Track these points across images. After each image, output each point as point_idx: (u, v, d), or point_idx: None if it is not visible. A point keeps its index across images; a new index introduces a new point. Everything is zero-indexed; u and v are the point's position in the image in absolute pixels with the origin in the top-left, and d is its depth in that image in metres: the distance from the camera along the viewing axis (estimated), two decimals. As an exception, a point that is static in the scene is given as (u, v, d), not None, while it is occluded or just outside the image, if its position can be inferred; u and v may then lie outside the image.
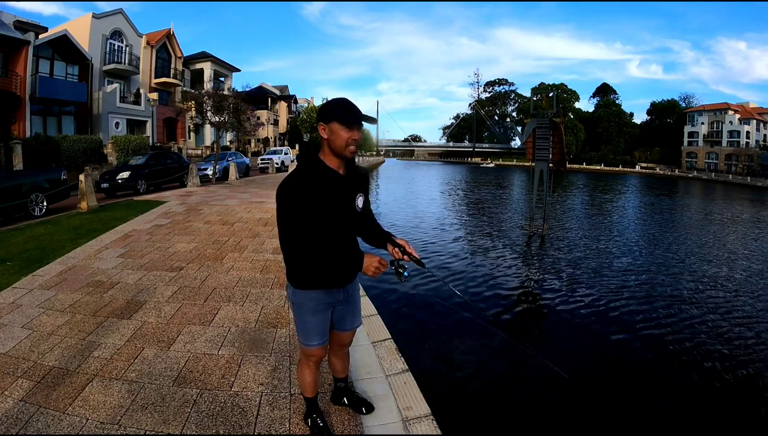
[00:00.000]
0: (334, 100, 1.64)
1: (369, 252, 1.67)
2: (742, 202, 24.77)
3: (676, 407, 3.83)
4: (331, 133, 1.59)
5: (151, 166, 13.96)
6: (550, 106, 13.21)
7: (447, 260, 8.95)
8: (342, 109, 1.60)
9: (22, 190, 8.33)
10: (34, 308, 3.52)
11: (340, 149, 1.60)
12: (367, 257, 1.62)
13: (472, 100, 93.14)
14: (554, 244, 10.92)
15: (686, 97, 70.38)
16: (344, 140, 1.58)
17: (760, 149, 51.96)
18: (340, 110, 1.60)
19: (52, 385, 2.38)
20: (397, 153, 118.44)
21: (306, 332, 1.78)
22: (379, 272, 1.60)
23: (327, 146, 1.63)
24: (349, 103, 1.62)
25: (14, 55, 18.53)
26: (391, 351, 2.90)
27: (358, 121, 1.61)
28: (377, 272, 1.60)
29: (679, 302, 6.60)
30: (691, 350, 4.97)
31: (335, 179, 1.64)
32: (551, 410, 3.64)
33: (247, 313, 3.45)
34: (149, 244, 5.80)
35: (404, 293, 6.37)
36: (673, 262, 9.32)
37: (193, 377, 2.49)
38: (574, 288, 7.17)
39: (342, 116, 1.58)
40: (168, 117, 27.72)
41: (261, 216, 8.12)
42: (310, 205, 1.56)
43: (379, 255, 1.68)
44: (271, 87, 50.26)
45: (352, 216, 1.72)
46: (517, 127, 79.50)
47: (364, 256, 1.63)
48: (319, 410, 2.04)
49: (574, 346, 5.08)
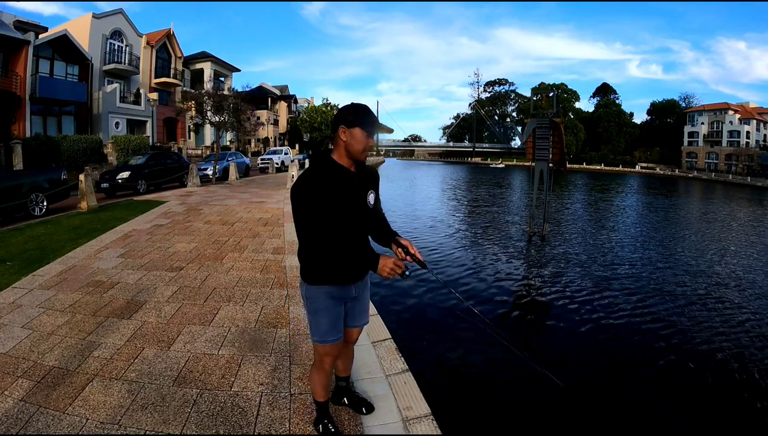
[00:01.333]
0: (358, 107, 1.71)
1: (384, 254, 1.69)
2: (740, 202, 24.76)
3: (676, 408, 3.83)
4: (352, 137, 1.67)
5: (151, 166, 13.96)
6: (550, 106, 13.21)
7: (447, 259, 8.95)
8: (366, 117, 1.69)
9: (22, 190, 8.34)
10: (34, 308, 3.52)
11: (357, 154, 1.70)
12: (383, 258, 1.65)
13: (472, 100, 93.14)
14: (554, 244, 10.92)
15: (686, 97, 70.45)
16: (363, 146, 1.68)
17: (760, 149, 51.96)
18: (365, 119, 1.68)
19: (52, 385, 2.38)
20: (397, 153, 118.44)
21: (317, 327, 1.81)
22: (394, 273, 1.62)
23: (344, 148, 1.70)
24: (372, 113, 1.72)
25: (14, 55, 18.53)
26: (391, 351, 2.90)
27: (377, 130, 1.73)
28: (392, 273, 1.62)
29: (679, 304, 6.59)
30: (691, 353, 4.96)
31: (347, 176, 1.71)
32: (551, 410, 3.64)
33: (247, 313, 3.45)
34: (149, 244, 5.80)
35: (404, 294, 6.37)
36: (674, 262, 9.32)
37: (193, 377, 2.49)
38: (574, 289, 7.16)
39: (366, 125, 1.68)
40: (168, 117, 27.72)
41: (261, 216, 8.12)
42: (324, 202, 1.62)
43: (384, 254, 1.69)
44: (271, 87, 50.25)
45: (363, 212, 1.78)
46: (517, 127, 79.46)
47: (380, 257, 1.65)
48: (330, 415, 2.02)
49: (574, 349, 5.07)
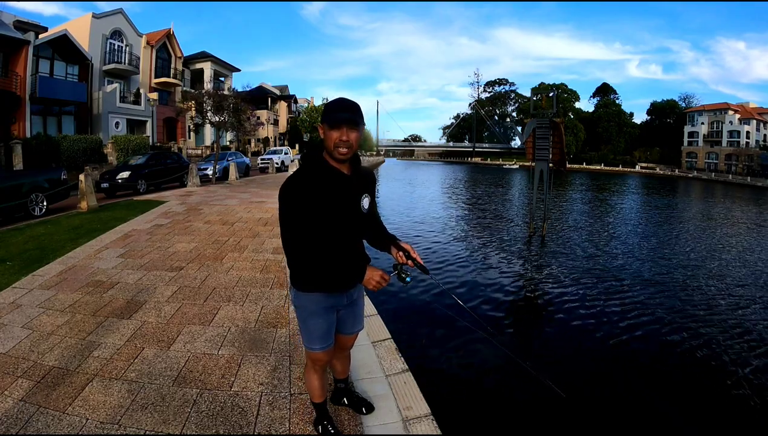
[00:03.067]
0: (330, 102, 1.59)
1: (372, 266, 1.62)
2: (740, 202, 24.75)
3: (677, 408, 3.83)
4: (324, 134, 1.55)
5: (151, 166, 13.96)
6: (550, 106, 13.21)
7: (447, 259, 8.95)
8: (329, 108, 1.54)
9: (22, 190, 8.33)
10: (34, 307, 3.52)
11: (331, 150, 1.55)
12: (369, 270, 1.57)
13: (472, 100, 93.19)
14: (554, 244, 10.92)
15: (686, 97, 70.40)
16: (331, 141, 1.53)
17: (760, 149, 51.94)
18: (327, 109, 1.55)
19: (52, 385, 2.38)
20: (397, 153, 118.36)
21: (309, 335, 1.75)
22: (380, 286, 1.56)
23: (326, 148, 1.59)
24: (338, 101, 1.55)
25: (14, 55, 18.52)
26: (391, 351, 2.89)
27: (345, 120, 1.51)
28: (378, 286, 1.56)
29: (680, 305, 6.59)
30: (691, 355, 4.96)
31: (339, 179, 1.59)
32: (551, 410, 3.64)
33: (247, 313, 3.45)
34: (149, 244, 5.80)
35: (405, 294, 6.36)
36: (674, 262, 9.32)
37: (193, 377, 2.49)
38: (574, 291, 7.15)
39: (327, 115, 1.54)
40: (168, 117, 27.71)
41: (261, 216, 8.12)
42: (313, 205, 1.51)
43: (381, 267, 1.63)
44: (271, 87, 50.25)
45: (357, 217, 1.66)
46: (517, 127, 79.46)
47: (367, 268, 1.58)
48: (329, 416, 2.00)
49: (576, 351, 5.05)
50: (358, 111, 1.56)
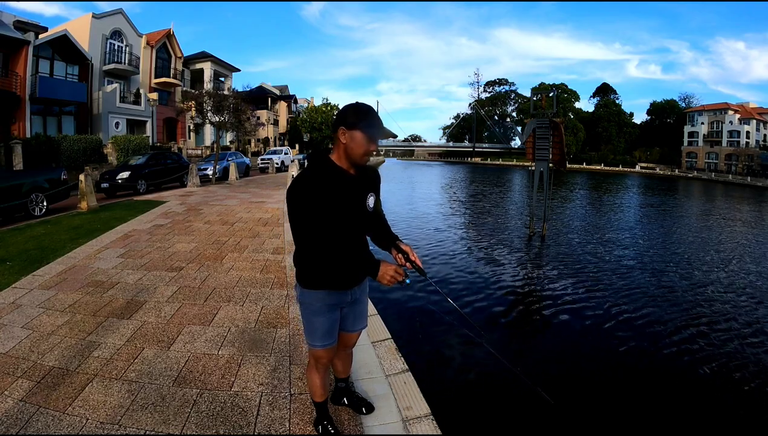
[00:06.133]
0: (361, 107, 1.60)
1: (385, 261, 1.63)
2: (740, 202, 24.74)
3: (675, 409, 3.83)
4: (352, 140, 1.57)
5: (151, 166, 13.97)
6: (550, 106, 13.18)
7: (447, 259, 8.95)
8: (369, 120, 1.58)
9: (22, 190, 8.33)
10: (34, 308, 3.52)
11: (357, 158, 1.60)
12: (384, 265, 1.58)
13: (472, 100, 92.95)
14: (554, 244, 10.92)
15: (686, 97, 70.34)
16: (363, 150, 1.58)
17: (760, 149, 51.89)
18: (368, 121, 1.57)
19: (52, 385, 2.38)
20: (397, 153, 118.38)
21: (312, 332, 1.77)
22: (395, 281, 1.56)
23: (343, 150, 1.61)
24: (376, 115, 1.60)
25: (14, 55, 18.51)
26: (391, 351, 2.90)
27: (380, 134, 1.61)
28: (392, 280, 1.56)
29: (680, 307, 6.59)
30: (692, 357, 4.96)
31: (345, 179, 1.63)
32: (551, 410, 3.64)
33: (247, 313, 3.45)
34: (149, 244, 5.80)
35: (404, 294, 6.36)
36: (674, 263, 9.32)
37: (193, 377, 2.49)
38: (574, 291, 7.16)
39: (368, 128, 1.57)
40: (168, 117, 27.72)
41: (261, 216, 8.12)
42: (320, 204, 1.54)
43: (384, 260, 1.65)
44: (271, 87, 50.22)
45: (362, 216, 1.71)
46: (517, 127, 79.40)
47: (381, 263, 1.59)
48: (329, 416, 2.00)
49: (573, 354, 5.04)
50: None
